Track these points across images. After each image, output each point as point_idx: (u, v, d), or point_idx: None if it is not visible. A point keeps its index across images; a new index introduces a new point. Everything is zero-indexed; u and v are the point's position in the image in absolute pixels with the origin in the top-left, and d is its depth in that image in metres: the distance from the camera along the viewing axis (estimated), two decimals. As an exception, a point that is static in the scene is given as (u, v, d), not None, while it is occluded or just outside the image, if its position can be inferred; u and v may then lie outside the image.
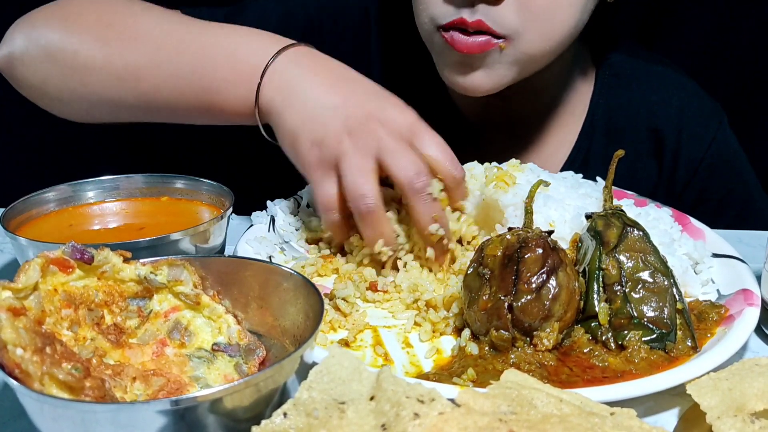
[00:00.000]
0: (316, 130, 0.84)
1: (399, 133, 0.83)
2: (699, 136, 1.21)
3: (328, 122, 0.84)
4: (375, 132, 0.83)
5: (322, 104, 0.85)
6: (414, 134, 0.84)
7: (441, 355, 0.74)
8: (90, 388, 0.53)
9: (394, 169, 0.82)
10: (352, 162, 0.82)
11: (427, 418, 0.51)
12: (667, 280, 0.74)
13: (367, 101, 0.86)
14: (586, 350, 0.71)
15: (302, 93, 0.87)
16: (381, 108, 0.85)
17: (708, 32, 1.62)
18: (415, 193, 0.82)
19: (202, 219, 0.87)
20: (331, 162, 0.83)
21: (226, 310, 0.68)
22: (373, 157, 0.82)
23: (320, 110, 0.85)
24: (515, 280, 0.70)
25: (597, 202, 0.89)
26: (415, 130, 0.85)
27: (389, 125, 0.83)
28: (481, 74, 1.04)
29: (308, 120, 0.85)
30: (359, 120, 0.83)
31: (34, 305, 0.58)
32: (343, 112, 0.84)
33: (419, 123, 0.86)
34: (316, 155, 0.84)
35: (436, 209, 0.83)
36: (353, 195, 0.82)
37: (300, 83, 0.87)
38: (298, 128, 0.86)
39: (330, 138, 0.83)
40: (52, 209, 0.88)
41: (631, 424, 0.54)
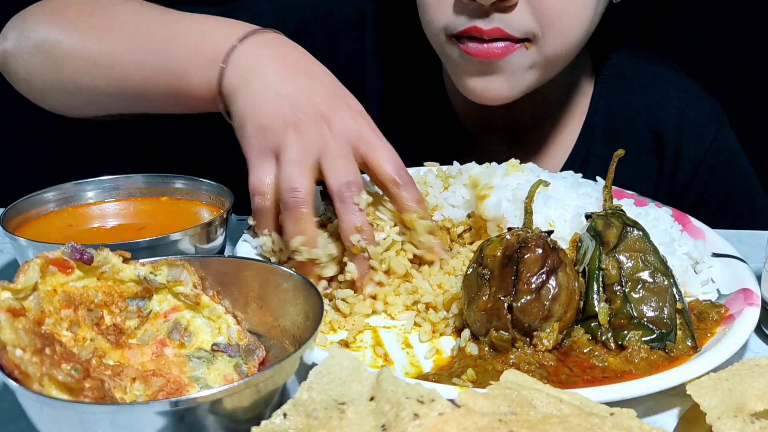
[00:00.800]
0: (265, 115, 0.84)
1: (345, 137, 0.83)
2: (699, 137, 1.21)
3: (277, 110, 0.83)
4: (321, 132, 0.82)
5: (276, 91, 0.84)
6: (360, 140, 0.83)
7: (441, 355, 0.74)
8: (89, 389, 0.53)
9: (327, 173, 0.81)
10: (292, 154, 0.81)
11: (427, 418, 0.51)
12: (667, 280, 0.74)
13: (322, 98, 0.85)
14: (586, 350, 0.71)
15: (259, 78, 0.86)
16: (334, 109, 0.84)
17: (708, 32, 1.62)
18: (342, 201, 0.81)
19: (202, 219, 0.87)
20: (272, 149, 0.83)
21: (225, 311, 0.68)
22: (314, 155, 0.82)
23: (273, 97, 0.84)
24: (515, 280, 0.70)
25: (597, 201, 0.89)
26: (362, 136, 0.84)
27: (337, 128, 0.82)
28: (500, 81, 1.04)
29: (259, 104, 0.84)
30: (309, 116, 0.82)
31: (33, 306, 0.58)
32: (294, 103, 0.83)
33: (369, 129, 0.85)
34: (259, 139, 0.83)
35: (360, 221, 0.81)
36: (285, 186, 0.81)
37: (259, 68, 0.87)
38: (248, 111, 0.85)
39: (276, 126, 0.82)
40: (51, 209, 0.88)
41: (630, 425, 0.54)
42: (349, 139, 0.83)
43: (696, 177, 1.22)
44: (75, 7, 1.01)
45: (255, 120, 0.84)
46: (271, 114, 0.83)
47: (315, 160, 0.82)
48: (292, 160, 0.81)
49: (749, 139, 1.33)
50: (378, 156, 0.83)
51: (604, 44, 1.24)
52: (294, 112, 0.83)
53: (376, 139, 0.84)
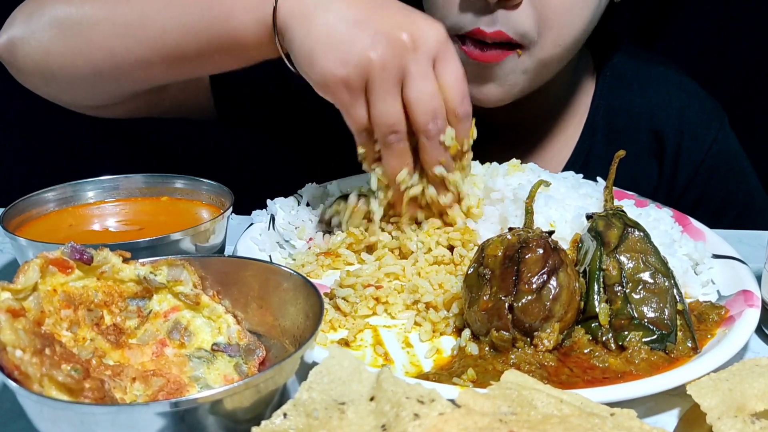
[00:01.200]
0: (342, 46, 0.80)
1: (427, 52, 0.81)
2: (700, 137, 1.21)
3: (353, 39, 0.80)
4: (404, 47, 0.80)
5: (346, 18, 0.81)
6: (439, 55, 0.82)
7: (441, 355, 0.74)
8: (89, 390, 0.53)
9: (415, 106, 0.81)
10: (381, 88, 0.80)
11: (427, 418, 0.51)
12: (668, 281, 0.74)
13: (395, 13, 0.82)
14: (587, 351, 0.71)
15: (323, 7, 0.82)
16: (411, 20, 0.82)
17: (708, 32, 1.62)
18: (429, 138, 0.82)
19: (202, 219, 0.87)
20: (359, 83, 0.80)
21: (225, 310, 0.68)
22: (400, 80, 0.81)
23: (344, 25, 0.80)
24: (516, 280, 0.70)
25: (598, 202, 0.89)
26: (441, 52, 0.82)
27: (419, 40, 0.81)
28: (494, 85, 1.06)
29: (331, 36, 0.80)
30: (387, 35, 0.80)
31: (33, 306, 0.58)
32: (369, 24, 0.80)
33: (446, 43, 0.83)
34: (343, 74, 0.80)
35: (443, 155, 0.84)
36: (383, 124, 0.81)
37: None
38: (320, 45, 0.80)
39: (357, 56, 0.79)
40: (51, 209, 0.88)
41: (631, 425, 0.54)
42: (430, 52, 0.81)
43: (696, 177, 1.22)
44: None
45: (331, 55, 0.80)
46: (347, 45, 0.80)
47: (400, 82, 0.81)
48: (382, 95, 0.80)
49: (749, 139, 1.33)
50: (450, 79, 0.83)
51: (605, 45, 1.24)
52: (372, 37, 0.79)
53: (451, 57, 0.84)
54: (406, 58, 0.80)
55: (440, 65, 0.82)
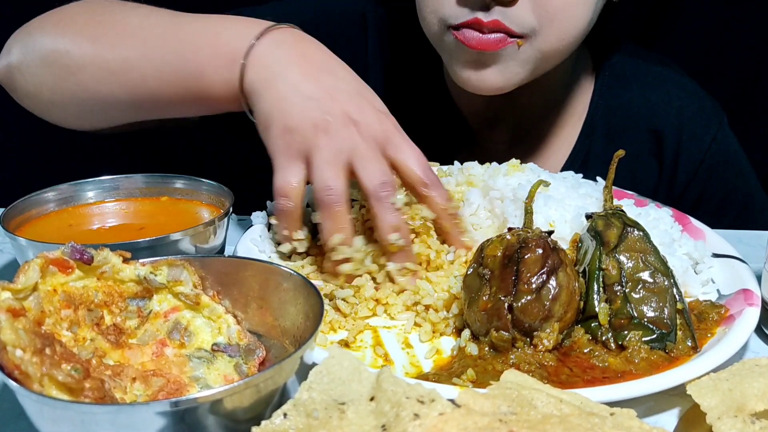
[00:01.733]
0: (292, 116, 0.83)
1: (373, 139, 0.83)
2: (699, 137, 1.21)
3: (304, 112, 0.83)
4: (350, 134, 0.82)
5: (301, 92, 0.84)
6: (388, 141, 0.84)
7: (441, 355, 0.74)
8: (89, 389, 0.53)
9: (361, 174, 0.82)
10: (324, 155, 0.81)
11: (427, 418, 0.51)
12: (668, 281, 0.74)
13: (348, 99, 0.84)
14: (586, 350, 0.71)
15: (282, 77, 0.85)
16: (360, 110, 0.84)
17: (708, 32, 1.62)
18: (379, 201, 0.81)
19: (202, 219, 0.87)
20: (300, 151, 0.82)
21: (225, 310, 0.68)
22: (346, 157, 0.82)
23: (298, 98, 0.83)
24: (515, 280, 0.70)
25: (597, 202, 0.89)
26: (389, 137, 0.84)
27: (365, 129, 0.83)
28: (493, 72, 1.04)
29: (285, 105, 0.84)
30: (337, 117, 0.82)
31: (33, 306, 0.58)
32: (321, 105, 0.83)
33: (395, 131, 0.85)
34: (286, 141, 0.83)
35: (397, 219, 0.82)
36: (320, 186, 0.81)
37: (281, 67, 0.86)
38: (274, 112, 0.84)
39: (304, 128, 0.82)
40: (51, 209, 0.88)
41: (631, 425, 0.54)
42: (377, 140, 0.83)
43: (695, 177, 1.22)
44: (82, 17, 1.00)
45: (281, 122, 0.83)
46: (297, 116, 0.83)
47: (346, 161, 0.82)
48: (324, 161, 0.81)
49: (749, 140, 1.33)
50: (405, 157, 0.84)
51: (603, 44, 1.24)
52: (322, 114, 0.82)
53: (403, 141, 0.85)
54: (352, 141, 0.82)
55: (392, 152, 0.84)
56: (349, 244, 0.82)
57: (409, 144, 0.85)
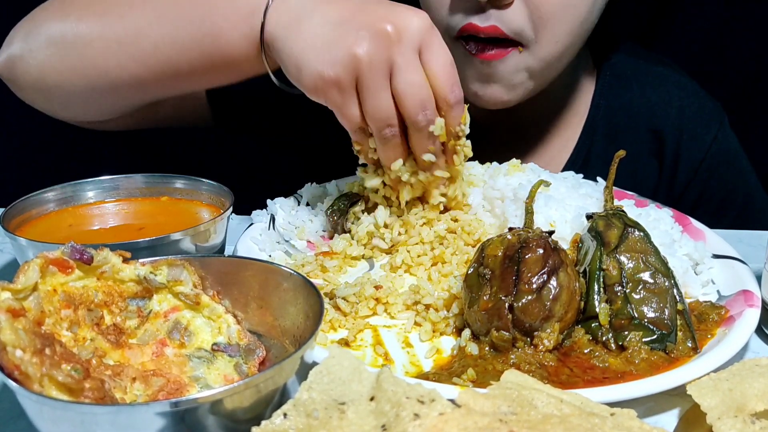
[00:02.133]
0: (327, 49, 0.81)
1: (411, 43, 0.81)
2: (699, 137, 1.21)
3: (338, 39, 0.81)
4: (389, 40, 0.80)
5: (329, 20, 0.82)
6: (425, 44, 0.82)
7: (441, 355, 0.74)
8: (89, 390, 0.53)
9: (404, 99, 0.82)
10: (371, 84, 0.81)
11: (427, 418, 0.51)
12: (668, 281, 0.74)
13: (377, 8, 0.83)
14: (587, 351, 0.71)
15: (307, 16, 0.84)
16: (393, 12, 0.82)
17: (708, 32, 1.62)
18: (419, 129, 0.83)
19: (202, 219, 0.87)
20: (349, 81, 0.81)
21: (225, 310, 0.68)
22: (388, 73, 0.81)
23: (328, 27, 0.82)
24: (516, 280, 0.70)
25: (598, 202, 0.89)
26: (425, 40, 0.83)
27: (402, 32, 0.81)
28: (500, 88, 1.07)
29: (317, 40, 0.82)
30: (371, 29, 0.80)
31: (33, 306, 0.58)
32: (353, 23, 0.81)
33: (431, 31, 0.84)
34: (332, 75, 0.81)
35: (432, 144, 0.85)
36: (377, 119, 0.82)
37: (304, 7, 0.85)
38: (307, 50, 0.82)
39: (343, 55, 0.80)
40: (51, 209, 0.88)
41: (631, 425, 0.54)
42: (414, 43, 0.82)
43: (696, 177, 1.22)
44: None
45: (318, 57, 0.81)
46: (334, 45, 0.81)
47: (389, 75, 0.81)
48: (373, 90, 0.81)
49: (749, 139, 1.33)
50: (438, 67, 0.83)
51: (604, 44, 1.24)
52: (356, 33, 0.80)
53: (438, 45, 0.84)
54: (391, 50, 0.81)
55: (426, 53, 0.83)
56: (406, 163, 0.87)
57: (441, 48, 0.84)
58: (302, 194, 1.02)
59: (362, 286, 0.81)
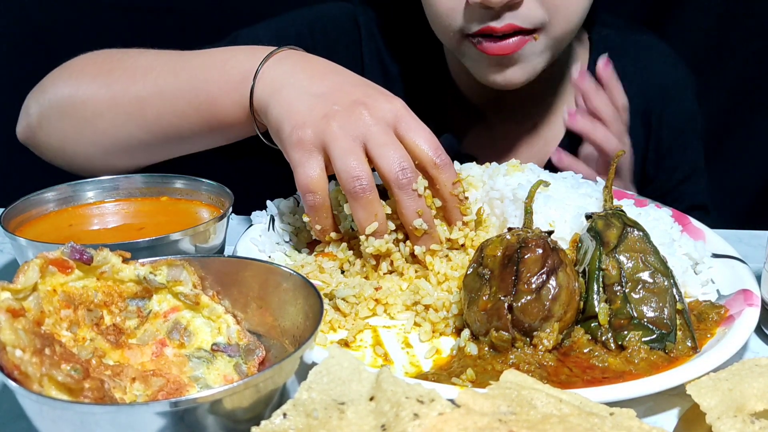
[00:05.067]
0: (302, 114, 0.84)
1: (385, 121, 0.83)
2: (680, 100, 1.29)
3: (313, 107, 0.84)
4: (361, 118, 0.83)
5: (309, 92, 0.86)
6: (399, 121, 0.84)
7: (440, 355, 0.74)
8: (89, 389, 0.53)
9: (381, 162, 0.82)
10: (341, 144, 0.81)
11: (427, 418, 0.51)
12: (667, 281, 0.74)
13: (354, 89, 0.86)
14: (586, 350, 0.71)
15: (289, 84, 0.88)
16: (368, 95, 0.85)
17: (709, 31, 1.62)
18: (401, 188, 0.82)
19: (202, 219, 0.87)
20: (316, 143, 0.83)
21: (225, 310, 0.68)
22: (361, 142, 0.82)
23: (306, 97, 0.86)
24: (515, 280, 0.70)
25: (597, 202, 0.89)
26: (399, 117, 0.84)
27: (375, 111, 0.83)
28: (516, 69, 1.09)
29: (293, 106, 0.86)
30: (346, 106, 0.83)
31: (33, 306, 0.58)
32: (329, 98, 0.85)
33: (405, 110, 0.86)
34: (299, 136, 0.83)
35: (420, 205, 0.83)
36: (346, 176, 0.81)
37: (288, 77, 0.89)
38: (283, 114, 0.86)
39: (315, 121, 0.83)
40: (51, 209, 0.88)
41: (630, 425, 0.54)
42: (388, 122, 0.84)
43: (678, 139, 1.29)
44: (92, 66, 1.04)
45: (292, 120, 0.85)
46: (307, 112, 0.84)
47: (363, 146, 0.82)
48: (344, 149, 0.81)
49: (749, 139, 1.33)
50: (416, 137, 0.84)
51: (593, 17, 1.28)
52: (330, 105, 0.84)
53: (413, 120, 0.85)
54: (364, 126, 0.82)
55: (403, 131, 0.84)
56: (384, 229, 0.83)
57: (418, 123, 0.85)
58: None
59: (361, 287, 0.81)
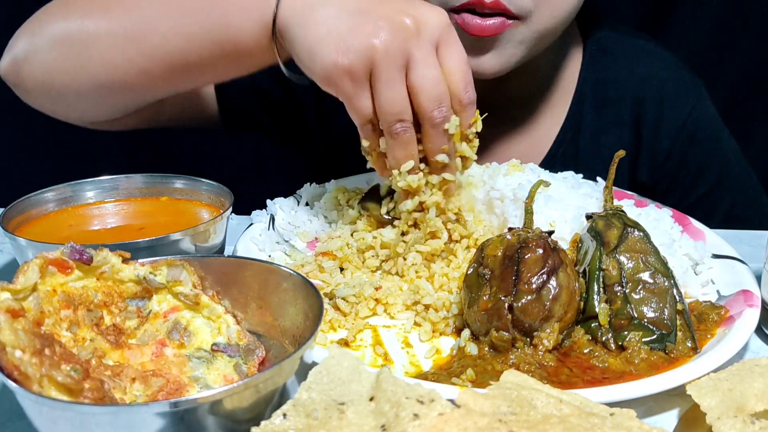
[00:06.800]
0: (343, 36, 0.79)
1: (430, 39, 0.80)
2: (679, 105, 1.24)
3: (355, 27, 0.79)
4: (406, 36, 0.79)
5: (347, 9, 0.80)
6: (442, 40, 0.82)
7: (440, 355, 0.74)
8: (89, 390, 0.53)
9: (420, 93, 0.80)
10: (385, 74, 0.79)
11: (427, 418, 0.51)
12: (668, 281, 0.74)
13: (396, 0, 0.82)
14: (586, 351, 0.71)
15: (322, 3, 0.82)
16: (412, 6, 0.81)
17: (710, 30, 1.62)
18: (434, 126, 0.82)
19: (202, 219, 0.87)
20: (363, 71, 0.79)
21: (225, 310, 0.68)
22: (404, 65, 0.80)
23: (345, 15, 0.80)
24: (515, 280, 0.70)
25: (597, 202, 0.89)
26: (443, 36, 0.82)
27: (421, 26, 0.80)
28: (491, 56, 1.05)
29: (332, 27, 0.79)
30: (389, 21, 0.79)
31: (33, 306, 0.58)
32: (371, 15, 0.80)
33: (449, 28, 0.83)
34: (345, 63, 0.78)
35: (446, 142, 0.83)
36: (389, 113, 0.80)
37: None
38: (321, 38, 0.80)
39: (359, 44, 0.78)
40: (51, 209, 0.88)
41: (630, 425, 0.54)
42: (433, 39, 0.81)
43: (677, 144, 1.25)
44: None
45: (333, 45, 0.79)
46: (348, 33, 0.79)
47: (405, 68, 0.80)
48: (389, 80, 0.79)
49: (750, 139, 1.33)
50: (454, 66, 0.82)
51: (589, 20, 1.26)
52: (374, 24, 0.79)
53: (455, 44, 0.83)
54: (409, 43, 0.79)
55: (443, 50, 0.82)
56: (417, 167, 0.84)
57: (459, 48, 0.83)
58: (302, 194, 1.02)
59: (361, 287, 0.81)
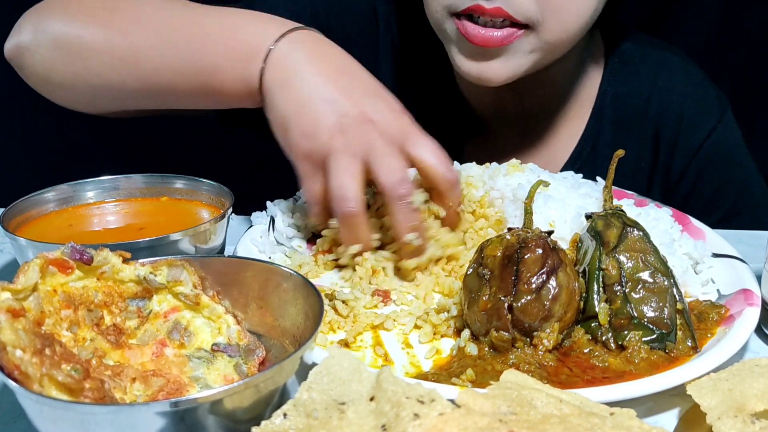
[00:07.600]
0: (309, 121, 0.84)
1: (390, 137, 0.83)
2: (699, 125, 1.21)
3: (321, 116, 0.83)
4: (367, 133, 0.82)
5: (319, 95, 0.85)
6: (406, 138, 0.84)
7: (440, 355, 0.74)
8: (89, 390, 0.53)
9: (379, 172, 0.82)
10: (339, 162, 0.82)
11: (427, 418, 0.51)
12: (668, 281, 0.74)
13: (364, 99, 0.85)
14: (586, 350, 0.71)
15: (300, 79, 0.86)
16: (376, 109, 0.84)
17: (711, 29, 1.62)
18: (396, 200, 0.82)
19: (202, 219, 0.87)
20: (320, 157, 0.83)
21: (225, 311, 0.68)
22: (362, 158, 0.82)
23: (315, 101, 0.84)
24: (515, 280, 0.70)
25: (597, 202, 0.89)
26: (407, 134, 0.84)
27: (382, 128, 0.83)
28: (497, 63, 1.04)
29: (302, 109, 0.85)
30: (353, 118, 0.83)
31: (33, 306, 0.58)
32: (338, 107, 0.84)
33: (412, 127, 0.85)
34: (306, 147, 0.84)
35: (414, 219, 0.82)
36: (337, 196, 0.82)
37: (299, 68, 0.87)
38: (291, 117, 0.85)
39: (321, 132, 0.83)
40: (51, 209, 0.88)
41: (631, 425, 0.54)
42: (394, 138, 0.83)
43: (691, 165, 1.22)
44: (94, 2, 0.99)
45: (300, 127, 0.84)
46: (314, 121, 0.84)
47: (363, 163, 0.82)
48: (340, 168, 0.81)
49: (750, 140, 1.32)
50: (426, 154, 0.84)
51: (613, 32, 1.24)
52: (338, 118, 0.83)
53: (422, 137, 0.85)
54: (369, 140, 0.82)
55: (410, 145, 0.84)
56: (369, 248, 0.84)
57: (428, 140, 0.85)
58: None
59: (362, 288, 0.81)
